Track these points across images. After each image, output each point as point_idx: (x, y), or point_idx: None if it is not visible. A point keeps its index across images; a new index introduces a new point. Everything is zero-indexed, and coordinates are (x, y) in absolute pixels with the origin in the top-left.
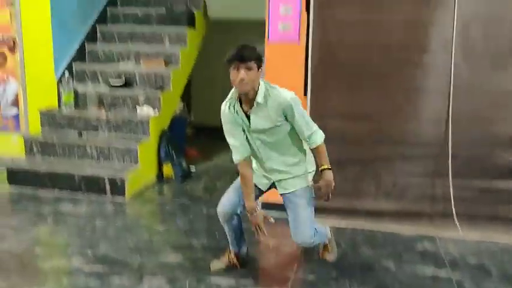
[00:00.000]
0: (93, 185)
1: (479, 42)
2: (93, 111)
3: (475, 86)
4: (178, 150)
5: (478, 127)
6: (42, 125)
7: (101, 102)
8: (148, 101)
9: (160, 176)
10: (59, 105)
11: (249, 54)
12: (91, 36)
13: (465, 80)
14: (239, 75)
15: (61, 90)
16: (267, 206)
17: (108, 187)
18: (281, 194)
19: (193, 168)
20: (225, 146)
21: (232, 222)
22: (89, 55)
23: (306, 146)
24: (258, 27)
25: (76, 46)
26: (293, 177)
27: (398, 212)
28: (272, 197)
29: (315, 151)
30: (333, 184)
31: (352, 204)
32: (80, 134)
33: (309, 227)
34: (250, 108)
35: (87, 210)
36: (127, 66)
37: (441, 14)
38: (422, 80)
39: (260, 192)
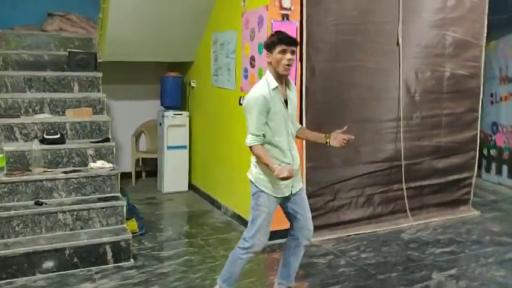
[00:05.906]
0: (90, 255)
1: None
2: (39, 173)
3: (412, 118)
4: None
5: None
6: None
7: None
8: (99, 154)
9: None
10: None
11: (295, 40)
12: None
13: (409, 113)
14: (285, 57)
15: None
16: None
17: (110, 254)
18: (293, 194)
19: None
20: None
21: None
22: None
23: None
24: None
25: None
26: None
27: (369, 216)
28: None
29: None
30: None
31: (338, 218)
32: (38, 202)
33: None
34: (285, 92)
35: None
36: (47, 118)
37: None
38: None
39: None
